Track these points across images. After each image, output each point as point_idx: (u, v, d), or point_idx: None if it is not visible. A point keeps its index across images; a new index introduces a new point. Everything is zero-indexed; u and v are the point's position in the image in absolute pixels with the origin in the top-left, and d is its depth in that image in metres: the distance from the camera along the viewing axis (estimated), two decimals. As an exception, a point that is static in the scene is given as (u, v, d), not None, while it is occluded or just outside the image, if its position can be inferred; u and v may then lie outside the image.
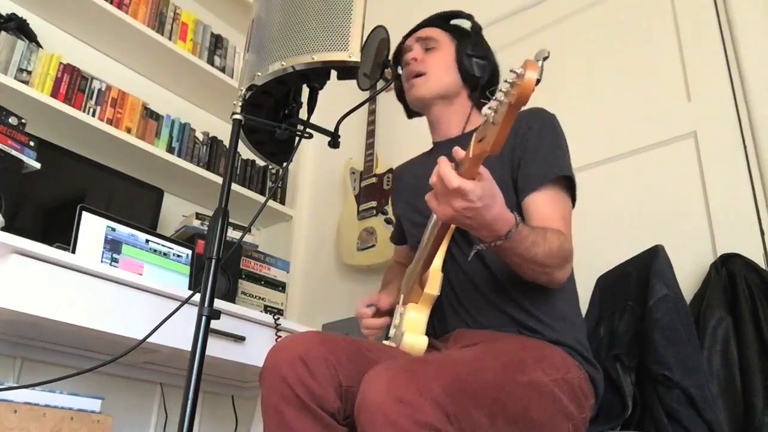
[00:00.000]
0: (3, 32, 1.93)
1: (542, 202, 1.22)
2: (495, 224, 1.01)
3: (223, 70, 2.58)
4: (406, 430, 0.85)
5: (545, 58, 0.87)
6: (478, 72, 1.39)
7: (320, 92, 1.24)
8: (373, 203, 2.36)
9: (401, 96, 1.52)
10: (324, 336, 1.12)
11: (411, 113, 1.55)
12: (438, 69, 1.40)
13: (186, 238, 2.10)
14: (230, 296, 2.03)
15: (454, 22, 1.47)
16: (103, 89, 2.15)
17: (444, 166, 0.96)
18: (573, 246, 1.19)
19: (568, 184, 1.26)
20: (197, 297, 1.03)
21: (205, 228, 2.16)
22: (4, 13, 2.01)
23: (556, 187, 1.23)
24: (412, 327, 1.20)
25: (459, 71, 1.40)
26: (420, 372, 0.92)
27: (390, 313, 1.38)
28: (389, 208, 2.30)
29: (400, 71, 1.46)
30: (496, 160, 1.28)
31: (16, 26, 2.00)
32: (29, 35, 2.03)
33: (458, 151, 0.98)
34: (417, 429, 0.85)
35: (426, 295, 1.18)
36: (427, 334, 1.27)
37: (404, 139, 2.45)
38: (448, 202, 0.97)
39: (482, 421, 0.94)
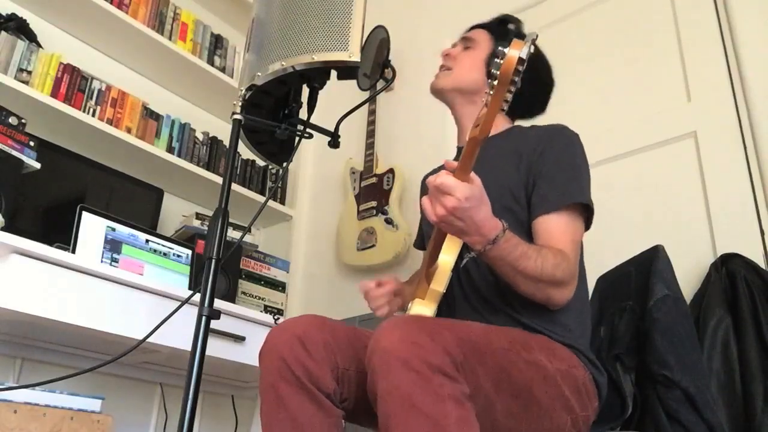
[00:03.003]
0: (3, 32, 1.93)
1: (553, 225, 1.20)
2: (484, 227, 1.03)
3: (223, 70, 2.58)
4: (416, 369, 0.86)
5: (533, 40, 0.88)
6: (534, 108, 1.40)
7: (320, 92, 1.24)
8: (373, 203, 2.36)
9: None
10: (323, 320, 1.14)
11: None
12: (463, 66, 1.40)
13: (186, 238, 2.10)
14: (230, 296, 2.03)
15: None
16: (103, 89, 2.15)
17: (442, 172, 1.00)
18: (577, 268, 1.17)
19: (584, 210, 1.24)
20: (197, 297, 1.03)
21: (205, 228, 2.16)
22: (4, 13, 2.01)
23: (570, 212, 1.21)
24: None
25: (485, 71, 1.38)
26: (433, 323, 0.96)
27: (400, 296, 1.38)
28: (389, 208, 2.31)
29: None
30: (511, 172, 1.28)
31: (16, 26, 2.00)
32: (29, 35, 2.03)
33: (450, 163, 1.01)
34: (426, 369, 0.87)
35: (432, 291, 1.18)
36: None
37: (404, 139, 2.46)
38: (439, 201, 1.00)
39: (487, 385, 0.96)
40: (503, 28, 1.43)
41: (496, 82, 0.88)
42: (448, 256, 1.18)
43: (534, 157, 1.26)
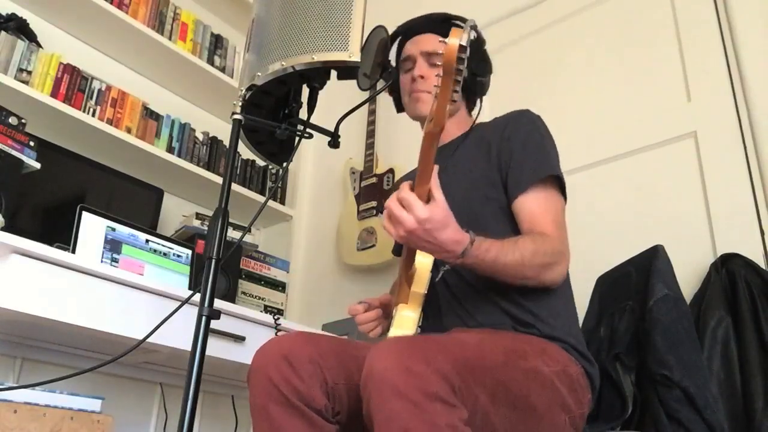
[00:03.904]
0: (3, 32, 1.93)
1: (532, 204, 1.23)
2: (448, 245, 1.04)
3: (223, 70, 2.58)
4: (413, 400, 0.85)
5: (473, 27, 0.88)
6: (478, 90, 1.42)
7: (320, 92, 1.24)
8: (373, 203, 2.36)
9: (394, 91, 1.51)
10: (308, 336, 1.14)
11: (400, 107, 1.54)
12: None
13: (186, 238, 2.10)
14: (230, 296, 2.03)
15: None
16: (103, 89, 2.15)
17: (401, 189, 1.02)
18: (565, 244, 1.20)
19: (558, 183, 1.27)
20: (197, 297, 1.03)
21: (205, 228, 2.16)
22: (4, 13, 2.01)
23: (545, 186, 1.25)
24: (400, 324, 1.20)
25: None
26: (427, 345, 0.93)
27: (386, 312, 1.38)
28: (389, 208, 2.30)
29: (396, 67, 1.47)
30: (484, 162, 1.31)
31: (16, 26, 2.00)
32: (29, 35, 2.03)
33: (405, 186, 1.02)
34: (424, 399, 0.85)
35: (413, 294, 1.18)
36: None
37: (404, 139, 2.46)
38: (399, 222, 1.01)
39: (484, 400, 0.95)
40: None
41: (441, 73, 0.89)
42: (424, 257, 1.18)
43: (502, 143, 1.30)
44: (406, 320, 1.19)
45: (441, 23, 1.44)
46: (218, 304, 1.44)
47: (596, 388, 1.21)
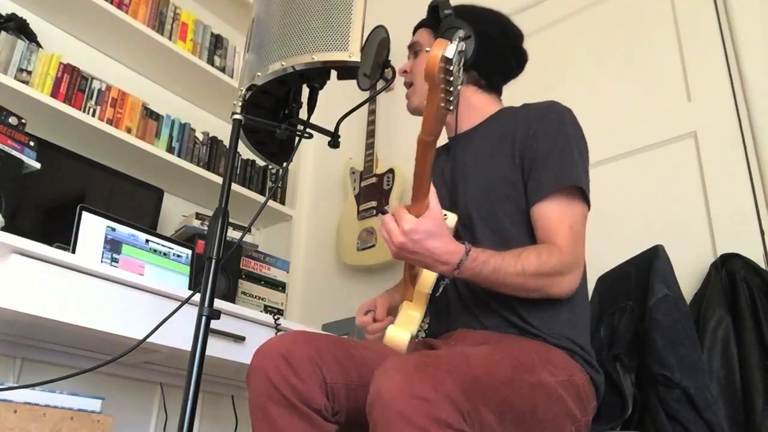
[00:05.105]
0: (3, 32, 1.93)
1: (549, 212, 1.19)
2: (442, 256, 1.04)
3: (223, 70, 2.58)
4: (421, 427, 0.83)
5: (460, 38, 0.84)
6: (487, 72, 1.37)
7: (320, 92, 1.24)
8: (373, 203, 2.36)
9: None
10: (307, 335, 1.14)
11: None
12: (420, 74, 1.40)
13: (186, 238, 2.10)
14: (230, 296, 2.03)
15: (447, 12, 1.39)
16: (103, 89, 2.15)
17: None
18: (576, 255, 1.16)
19: (580, 190, 1.21)
20: (197, 297, 1.03)
21: (205, 228, 2.16)
22: (4, 13, 2.01)
23: (566, 195, 1.19)
24: (400, 322, 1.19)
25: None
26: (434, 367, 0.91)
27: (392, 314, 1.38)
28: (389, 208, 2.31)
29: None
30: (506, 159, 1.27)
31: (16, 26, 2.00)
32: (29, 35, 2.03)
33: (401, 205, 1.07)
34: (432, 425, 0.84)
35: (417, 293, 1.18)
36: (427, 333, 1.26)
37: (404, 139, 2.46)
38: (391, 238, 1.03)
39: (491, 420, 0.94)
40: (436, 19, 1.38)
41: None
42: None
43: (527, 140, 1.24)
44: (409, 319, 1.19)
45: (431, 15, 1.42)
46: (218, 304, 1.44)
47: (601, 394, 1.20)
